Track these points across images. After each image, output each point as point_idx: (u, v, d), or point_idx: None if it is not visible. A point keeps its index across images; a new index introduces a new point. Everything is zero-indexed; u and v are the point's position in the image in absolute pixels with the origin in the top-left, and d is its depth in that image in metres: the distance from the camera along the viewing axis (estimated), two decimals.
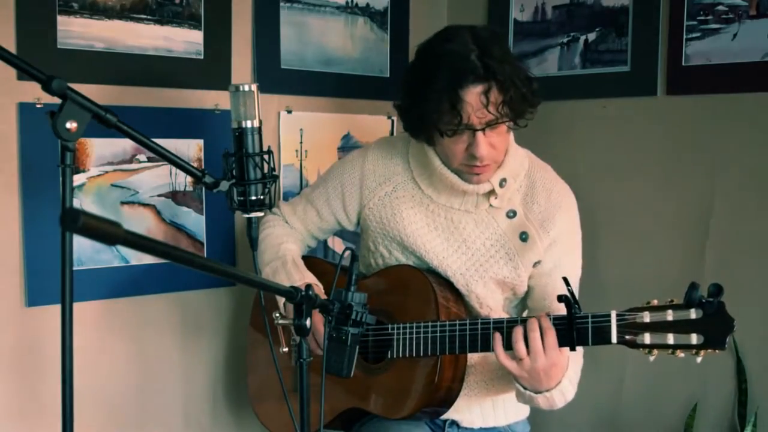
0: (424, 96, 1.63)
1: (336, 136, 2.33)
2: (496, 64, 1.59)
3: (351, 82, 2.34)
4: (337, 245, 2.34)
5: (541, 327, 1.56)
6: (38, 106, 1.80)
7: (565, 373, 1.62)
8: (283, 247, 1.89)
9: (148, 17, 1.96)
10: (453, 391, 1.74)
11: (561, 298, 1.53)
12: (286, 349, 1.86)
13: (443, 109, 1.60)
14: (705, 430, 2.06)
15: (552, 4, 2.34)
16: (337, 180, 1.93)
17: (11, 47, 1.75)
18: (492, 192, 1.75)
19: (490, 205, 1.77)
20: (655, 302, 1.49)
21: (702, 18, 2.02)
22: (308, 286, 1.28)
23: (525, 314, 1.87)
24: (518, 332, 1.57)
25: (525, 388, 1.63)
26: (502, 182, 1.74)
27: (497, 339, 1.60)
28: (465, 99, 1.59)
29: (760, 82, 1.94)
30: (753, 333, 1.98)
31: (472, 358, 1.78)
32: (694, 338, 1.43)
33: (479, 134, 1.62)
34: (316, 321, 1.70)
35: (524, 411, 1.94)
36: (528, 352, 1.56)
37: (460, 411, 1.83)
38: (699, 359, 1.45)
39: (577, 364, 1.72)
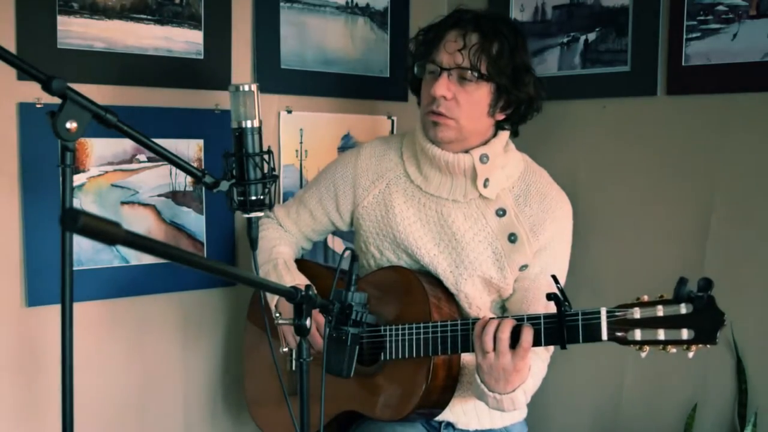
0: (422, 38, 1.79)
1: (336, 136, 2.33)
2: (489, 22, 1.70)
3: (351, 82, 2.34)
4: (337, 245, 2.34)
5: (518, 331, 1.55)
6: (38, 106, 1.80)
7: (522, 385, 1.61)
8: (275, 251, 1.89)
9: (148, 17, 1.96)
10: (447, 392, 1.74)
11: (550, 296, 1.52)
12: (285, 349, 1.86)
13: (426, 43, 1.75)
14: (705, 430, 2.06)
15: (552, 4, 2.34)
16: (329, 180, 1.93)
17: (11, 47, 1.75)
18: (476, 175, 1.74)
19: (480, 196, 1.77)
20: (645, 298, 1.49)
21: (702, 18, 2.02)
22: (308, 286, 1.28)
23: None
24: (490, 327, 1.56)
25: (482, 381, 1.61)
26: (483, 158, 1.74)
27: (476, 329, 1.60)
28: (445, 37, 1.72)
29: (760, 82, 1.94)
30: (753, 333, 1.98)
31: (465, 358, 1.78)
32: (685, 333, 1.43)
33: (443, 74, 1.70)
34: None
35: (521, 413, 1.93)
36: (494, 348, 1.55)
37: (456, 412, 1.83)
38: (691, 354, 1.44)
39: (536, 377, 1.71)
